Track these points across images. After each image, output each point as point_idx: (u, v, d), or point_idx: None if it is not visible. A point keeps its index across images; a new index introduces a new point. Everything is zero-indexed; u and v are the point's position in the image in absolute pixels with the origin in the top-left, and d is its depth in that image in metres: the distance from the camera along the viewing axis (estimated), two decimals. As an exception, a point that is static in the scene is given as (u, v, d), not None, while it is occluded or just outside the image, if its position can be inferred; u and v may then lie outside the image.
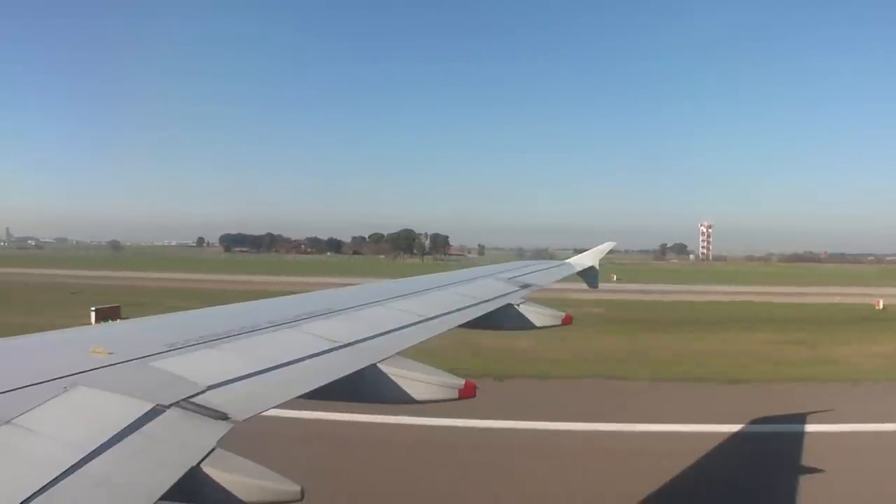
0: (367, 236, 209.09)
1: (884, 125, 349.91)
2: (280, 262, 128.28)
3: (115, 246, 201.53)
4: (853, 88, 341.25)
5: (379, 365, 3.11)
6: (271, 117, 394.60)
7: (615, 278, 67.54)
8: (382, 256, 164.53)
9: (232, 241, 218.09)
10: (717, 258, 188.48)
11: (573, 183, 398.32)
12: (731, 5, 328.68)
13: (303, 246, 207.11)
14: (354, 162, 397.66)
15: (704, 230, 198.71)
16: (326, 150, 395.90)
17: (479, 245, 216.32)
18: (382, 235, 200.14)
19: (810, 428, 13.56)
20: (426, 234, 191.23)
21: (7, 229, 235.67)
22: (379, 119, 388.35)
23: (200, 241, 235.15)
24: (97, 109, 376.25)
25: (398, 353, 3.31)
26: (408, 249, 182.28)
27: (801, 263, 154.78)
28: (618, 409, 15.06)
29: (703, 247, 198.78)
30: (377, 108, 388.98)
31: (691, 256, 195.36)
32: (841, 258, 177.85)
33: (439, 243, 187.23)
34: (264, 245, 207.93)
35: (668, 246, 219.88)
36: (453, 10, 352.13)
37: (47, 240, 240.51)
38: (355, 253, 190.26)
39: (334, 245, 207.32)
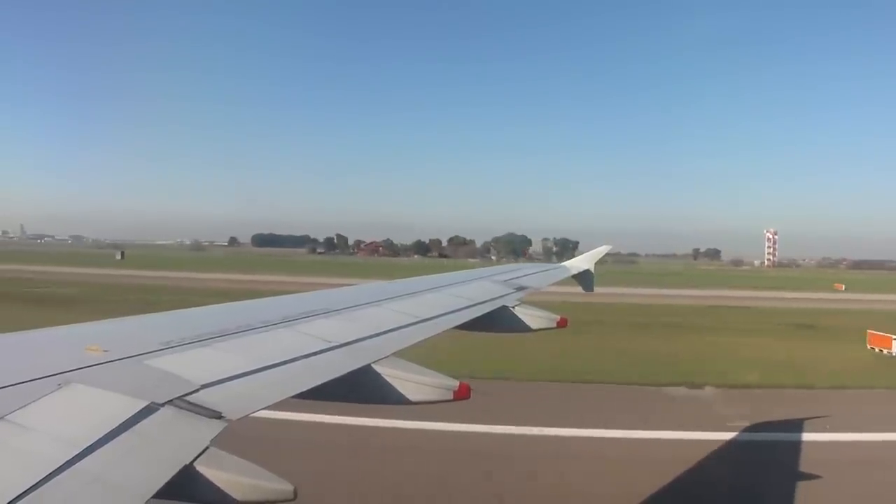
0: (445, 239, 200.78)
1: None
2: (385, 265, 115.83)
3: (196, 247, 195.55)
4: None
5: (374, 365, 3.12)
6: (292, 117, 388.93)
7: (843, 288, 66.64)
8: (475, 259, 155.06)
9: (263, 241, 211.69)
10: (781, 264, 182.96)
11: (579, 186, 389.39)
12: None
13: (381, 248, 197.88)
14: (395, 163, 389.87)
15: (770, 236, 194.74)
16: (355, 150, 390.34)
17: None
18: (464, 239, 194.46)
19: None
20: (552, 238, 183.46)
21: (21, 226, 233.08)
22: (386, 120, 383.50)
23: (233, 240, 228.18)
24: (111, 107, 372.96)
25: (393, 354, 3.32)
26: (520, 253, 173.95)
27: (871, 270, 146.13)
28: None
29: (768, 253, 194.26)
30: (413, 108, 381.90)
31: (756, 262, 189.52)
32: (867, 264, 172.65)
33: (568, 247, 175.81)
34: (339, 246, 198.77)
35: (701, 251, 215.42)
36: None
37: (62, 237, 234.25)
38: (441, 256, 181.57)
39: (421, 248, 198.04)
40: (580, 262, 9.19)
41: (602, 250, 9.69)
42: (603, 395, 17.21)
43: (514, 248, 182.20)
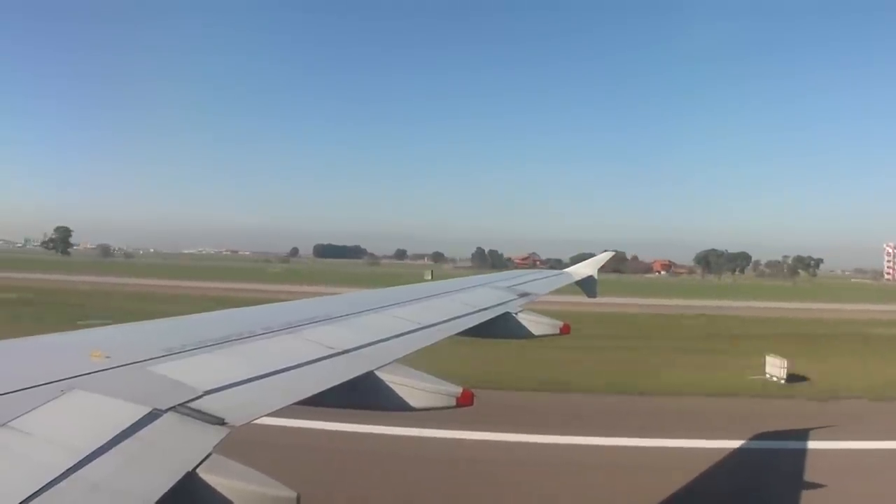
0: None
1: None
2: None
3: (373, 261, 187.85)
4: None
5: (376, 372, 3.11)
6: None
7: None
8: (661, 272, 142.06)
9: (324, 252, 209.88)
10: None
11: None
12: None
13: (538, 262, 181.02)
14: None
15: (891, 250, 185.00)
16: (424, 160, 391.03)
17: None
18: (624, 254, 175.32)
19: None
20: (791, 256, 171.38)
21: (45, 234, 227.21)
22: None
23: (294, 251, 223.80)
24: (147, 119, 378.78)
25: (396, 361, 3.32)
26: (741, 270, 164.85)
27: None
28: None
29: (888, 267, 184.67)
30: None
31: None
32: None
33: (809, 265, 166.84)
34: (492, 260, 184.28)
35: (762, 264, 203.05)
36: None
37: (91, 246, 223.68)
38: (615, 271, 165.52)
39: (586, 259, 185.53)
40: (583, 269, 9.20)
41: (605, 256, 9.75)
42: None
43: (734, 265, 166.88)
